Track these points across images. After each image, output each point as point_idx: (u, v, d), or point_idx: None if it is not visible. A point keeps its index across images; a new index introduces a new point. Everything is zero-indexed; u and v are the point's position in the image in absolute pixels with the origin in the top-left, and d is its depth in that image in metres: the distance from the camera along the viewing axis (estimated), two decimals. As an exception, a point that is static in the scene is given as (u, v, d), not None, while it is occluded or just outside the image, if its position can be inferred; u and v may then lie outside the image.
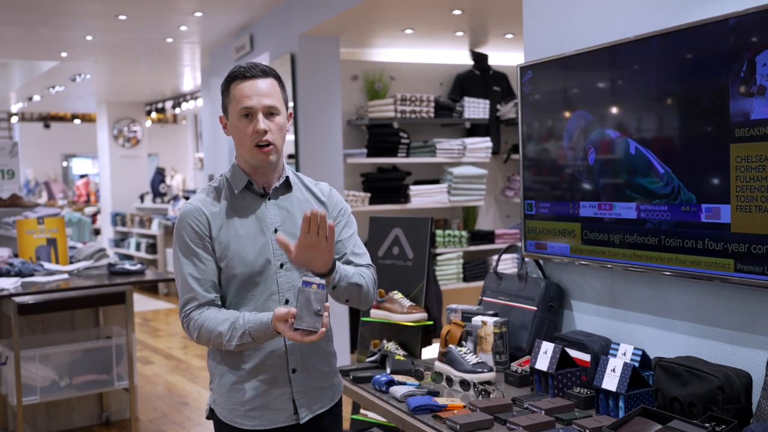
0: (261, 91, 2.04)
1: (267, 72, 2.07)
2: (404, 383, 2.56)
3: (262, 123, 2.03)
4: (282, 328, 1.92)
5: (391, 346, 2.94)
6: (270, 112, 2.05)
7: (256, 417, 2.08)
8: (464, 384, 2.52)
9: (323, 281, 1.91)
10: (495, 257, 5.70)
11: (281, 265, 2.08)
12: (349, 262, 2.17)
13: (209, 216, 2.08)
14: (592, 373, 2.43)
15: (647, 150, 2.40)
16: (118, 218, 12.11)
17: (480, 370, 2.56)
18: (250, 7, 6.19)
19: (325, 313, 1.90)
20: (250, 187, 2.12)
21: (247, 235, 2.08)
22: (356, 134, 6.27)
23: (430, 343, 3.11)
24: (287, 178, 2.16)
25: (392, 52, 6.70)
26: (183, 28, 6.93)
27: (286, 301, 2.08)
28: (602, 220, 2.58)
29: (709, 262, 2.20)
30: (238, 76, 2.06)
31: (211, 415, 2.16)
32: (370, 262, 2.22)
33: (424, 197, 6.19)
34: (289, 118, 2.13)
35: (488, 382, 2.51)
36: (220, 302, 2.09)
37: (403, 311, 2.99)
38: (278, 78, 2.11)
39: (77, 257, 5.29)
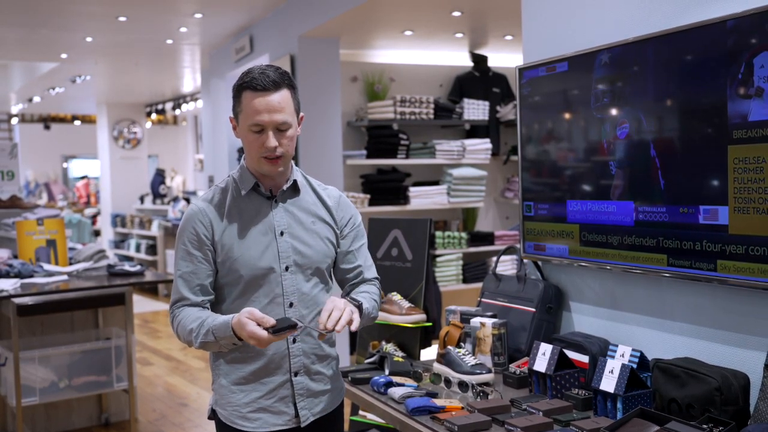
0: (273, 106, 1.99)
1: (279, 83, 2.00)
2: (403, 384, 2.56)
3: (273, 140, 2.00)
4: (251, 330, 1.87)
5: (389, 347, 2.95)
6: (282, 128, 2.02)
7: (257, 419, 2.08)
8: (463, 385, 2.52)
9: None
10: (494, 258, 5.71)
11: (286, 268, 2.08)
12: (360, 274, 2.21)
13: (212, 218, 2.08)
14: (590, 374, 2.43)
15: (645, 151, 2.40)
16: (118, 219, 12.12)
17: (478, 371, 2.56)
18: (249, 8, 6.20)
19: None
20: (257, 189, 2.12)
21: (251, 237, 2.07)
22: (356, 135, 6.27)
23: (429, 345, 3.11)
24: (295, 181, 2.15)
25: (392, 53, 6.70)
26: (183, 29, 6.94)
27: (290, 305, 2.07)
28: (601, 221, 2.58)
29: (707, 263, 2.20)
30: (249, 86, 2.00)
31: (213, 415, 2.17)
32: (376, 275, 2.27)
33: (423, 198, 6.19)
34: (300, 121, 2.10)
35: (486, 384, 2.51)
36: (208, 305, 2.09)
37: (402, 312, 2.99)
38: (291, 85, 2.05)
39: (77, 258, 5.30)
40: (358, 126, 6.19)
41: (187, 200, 10.64)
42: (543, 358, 2.43)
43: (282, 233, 2.09)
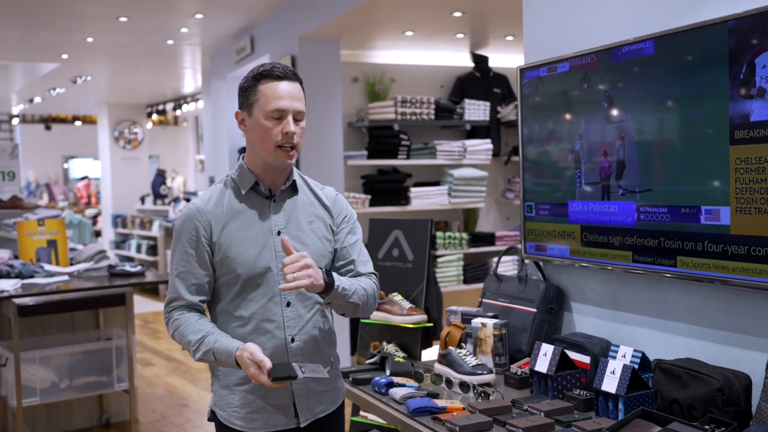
0: (293, 94, 2.03)
1: (296, 75, 2.07)
2: (404, 385, 2.56)
3: (293, 125, 2.02)
4: (253, 373, 1.91)
5: (390, 347, 2.94)
6: (298, 117, 2.04)
7: (256, 420, 2.08)
8: (464, 386, 2.51)
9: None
10: (495, 259, 5.70)
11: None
12: (353, 269, 2.18)
13: (211, 218, 2.08)
14: (591, 375, 2.43)
15: (646, 151, 2.40)
16: (118, 220, 12.12)
17: (479, 372, 2.55)
18: (250, 9, 6.20)
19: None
20: (256, 188, 2.12)
21: (250, 236, 2.07)
22: (357, 136, 6.27)
23: (430, 345, 3.11)
24: (294, 181, 2.15)
25: (393, 54, 6.70)
26: (184, 29, 6.94)
27: (288, 304, 2.07)
28: (602, 222, 2.58)
29: (708, 264, 2.20)
30: (270, 74, 2.03)
31: (213, 417, 2.17)
32: (373, 270, 2.24)
33: (424, 199, 6.19)
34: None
35: (488, 384, 2.51)
36: (203, 307, 2.11)
37: (403, 313, 2.99)
38: (302, 82, 2.10)
39: (77, 259, 5.29)
40: (358, 126, 6.19)
41: (188, 200, 10.63)
42: (544, 358, 2.42)
43: (279, 233, 2.09)
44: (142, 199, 12.01)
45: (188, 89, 11.33)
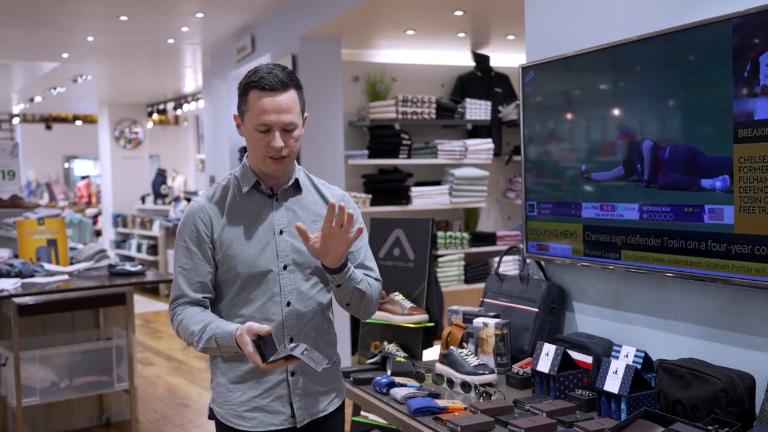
0: (281, 107, 1.98)
1: (287, 83, 1.99)
2: (405, 385, 2.55)
3: (279, 141, 1.99)
4: (249, 352, 1.86)
5: (391, 347, 2.93)
6: (288, 129, 2.01)
7: (252, 418, 2.07)
8: (465, 386, 2.50)
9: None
10: (496, 259, 5.69)
11: (285, 267, 2.07)
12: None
13: (212, 215, 2.07)
14: (594, 375, 2.41)
15: (649, 150, 2.39)
16: (119, 219, 12.11)
17: (481, 372, 2.54)
18: (251, 8, 6.19)
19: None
20: (258, 187, 2.11)
21: (251, 235, 2.06)
22: (357, 135, 6.26)
23: (431, 345, 3.10)
24: (297, 180, 2.14)
25: (394, 53, 6.69)
26: (184, 29, 6.93)
27: (288, 303, 2.06)
28: (604, 221, 2.57)
29: (712, 263, 2.19)
30: (257, 86, 1.98)
31: (212, 414, 2.16)
32: (379, 276, 2.22)
33: (425, 199, 6.18)
34: (305, 121, 2.08)
35: (489, 384, 2.50)
36: (208, 303, 2.09)
37: (404, 313, 2.97)
38: (297, 85, 2.04)
39: (78, 258, 5.28)
40: (359, 126, 6.18)
41: (188, 200, 10.64)
42: (546, 358, 2.41)
43: (281, 232, 2.08)
44: (143, 199, 12.00)
45: (189, 89, 11.32)
